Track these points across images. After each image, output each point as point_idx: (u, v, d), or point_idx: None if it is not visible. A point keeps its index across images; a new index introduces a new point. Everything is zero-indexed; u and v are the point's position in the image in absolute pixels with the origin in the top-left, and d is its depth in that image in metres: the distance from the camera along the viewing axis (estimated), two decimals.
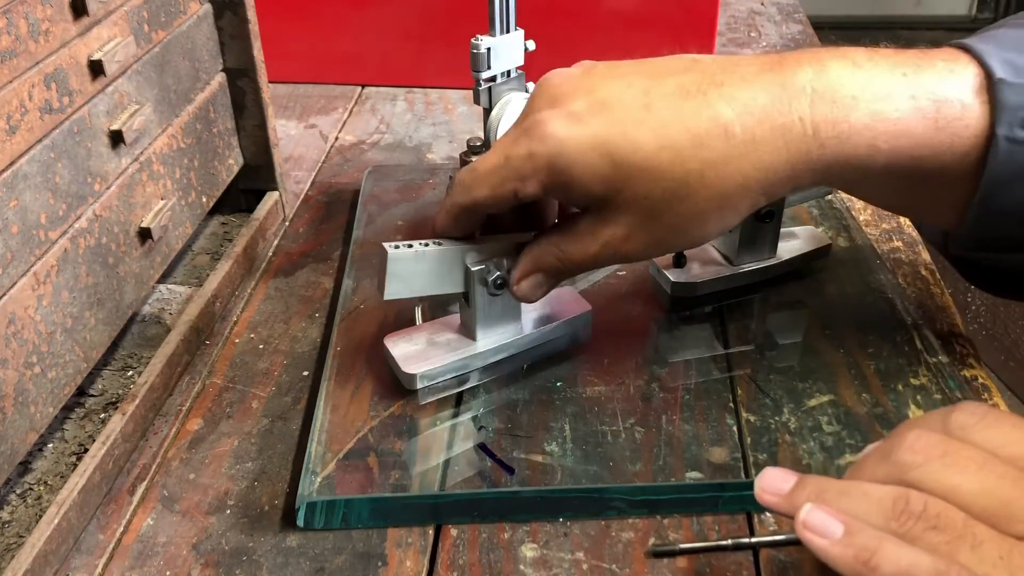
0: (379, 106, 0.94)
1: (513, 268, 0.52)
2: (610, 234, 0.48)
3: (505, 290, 0.54)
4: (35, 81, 0.46)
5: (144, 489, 0.51)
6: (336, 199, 0.77)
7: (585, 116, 0.45)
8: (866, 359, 0.56)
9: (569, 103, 0.46)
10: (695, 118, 0.44)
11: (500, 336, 0.56)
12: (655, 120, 0.45)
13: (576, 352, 0.58)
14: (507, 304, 0.55)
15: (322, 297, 0.65)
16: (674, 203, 0.45)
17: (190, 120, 0.62)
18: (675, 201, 0.45)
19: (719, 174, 0.44)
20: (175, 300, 0.63)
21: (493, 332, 0.56)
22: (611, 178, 0.45)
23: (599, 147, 0.45)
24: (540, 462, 0.50)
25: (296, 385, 0.58)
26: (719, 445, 0.51)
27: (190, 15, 0.62)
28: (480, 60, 0.57)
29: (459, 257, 0.53)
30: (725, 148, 0.44)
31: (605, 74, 0.47)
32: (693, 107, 0.44)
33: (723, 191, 0.45)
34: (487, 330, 0.56)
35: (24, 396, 0.45)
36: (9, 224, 0.44)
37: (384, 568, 0.46)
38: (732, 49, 1.04)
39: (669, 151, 0.44)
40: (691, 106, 0.45)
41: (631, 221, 0.47)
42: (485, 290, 0.54)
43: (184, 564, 0.47)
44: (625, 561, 0.46)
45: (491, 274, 0.53)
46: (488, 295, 0.54)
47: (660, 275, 0.62)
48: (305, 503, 0.47)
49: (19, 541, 0.46)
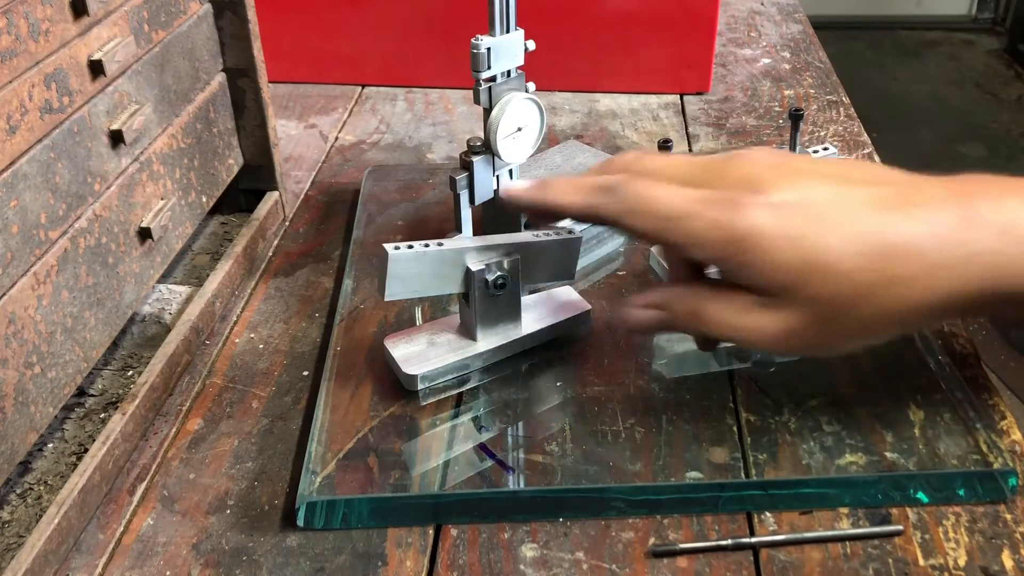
0: (379, 106, 0.94)
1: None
2: (773, 321, 0.47)
3: (504, 290, 0.54)
4: (35, 81, 0.46)
5: (144, 489, 0.51)
6: (336, 199, 0.77)
7: (784, 208, 0.46)
8: (866, 359, 0.56)
9: (768, 192, 0.47)
10: (892, 231, 0.45)
11: (500, 336, 0.56)
12: (854, 225, 0.45)
13: (576, 352, 0.58)
14: (507, 304, 0.55)
15: (322, 297, 0.65)
16: (855, 308, 0.46)
17: (190, 120, 0.62)
18: (858, 306, 0.45)
19: (907, 289, 0.45)
20: (175, 300, 0.63)
21: (493, 332, 0.56)
22: (798, 271, 0.45)
23: (794, 239, 0.45)
24: (540, 462, 0.50)
25: (296, 385, 0.58)
26: (719, 445, 0.51)
27: (190, 15, 0.62)
28: (480, 60, 0.57)
29: (459, 258, 0.53)
30: (917, 266, 0.45)
31: (801, 169, 0.49)
32: (890, 219, 0.45)
33: (906, 307, 0.45)
34: (487, 330, 0.56)
35: (24, 396, 0.45)
36: (9, 224, 0.44)
37: (384, 568, 0.46)
38: (732, 49, 1.04)
39: (865, 258, 0.45)
40: (889, 218, 0.46)
41: (804, 318, 0.46)
42: (485, 290, 0.54)
43: (184, 564, 0.47)
44: (625, 561, 0.46)
45: (491, 274, 0.53)
46: (488, 296, 0.54)
47: (660, 268, 0.62)
48: (305, 503, 0.47)
49: (19, 541, 0.46)
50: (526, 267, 0.55)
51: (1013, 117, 2.97)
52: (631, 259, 0.66)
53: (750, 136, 0.86)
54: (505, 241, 0.54)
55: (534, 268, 0.56)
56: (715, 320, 0.49)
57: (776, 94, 0.94)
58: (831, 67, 1.00)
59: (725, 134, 0.87)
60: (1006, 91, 3.14)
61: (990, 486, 0.48)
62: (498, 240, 0.54)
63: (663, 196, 0.49)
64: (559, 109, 0.92)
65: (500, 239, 0.54)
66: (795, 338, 0.47)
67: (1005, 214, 0.45)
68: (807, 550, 0.46)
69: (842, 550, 0.46)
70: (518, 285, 0.55)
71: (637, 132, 0.87)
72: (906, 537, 0.47)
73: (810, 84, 0.96)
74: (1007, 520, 0.47)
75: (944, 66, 3.31)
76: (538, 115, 0.60)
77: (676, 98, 0.94)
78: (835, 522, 0.48)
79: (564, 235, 0.56)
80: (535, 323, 0.57)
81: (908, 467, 0.49)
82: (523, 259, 0.55)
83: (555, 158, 0.74)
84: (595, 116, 0.90)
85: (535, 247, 0.55)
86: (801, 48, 1.04)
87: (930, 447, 0.50)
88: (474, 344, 0.56)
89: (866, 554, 0.46)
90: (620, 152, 0.53)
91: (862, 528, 0.47)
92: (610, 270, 0.65)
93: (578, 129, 0.88)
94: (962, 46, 3.46)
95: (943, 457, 0.50)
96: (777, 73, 0.98)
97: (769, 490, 0.48)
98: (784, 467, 0.50)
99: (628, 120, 0.90)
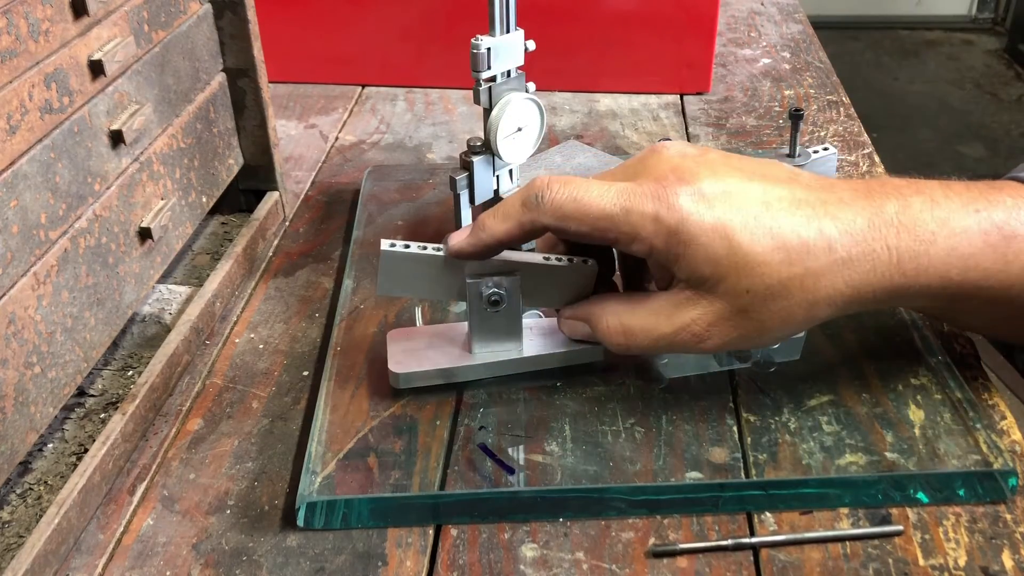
0: (379, 106, 0.94)
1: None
2: (694, 317, 0.49)
3: (500, 308, 0.53)
4: (35, 81, 0.46)
5: (144, 489, 0.51)
6: (336, 199, 0.77)
7: (713, 199, 0.47)
8: (866, 359, 0.56)
9: (697, 182, 0.48)
10: (806, 227, 0.47)
11: (496, 353, 0.55)
12: (773, 221, 0.47)
13: None
14: (506, 322, 0.54)
15: (322, 297, 0.65)
16: (770, 301, 0.47)
17: (190, 120, 0.62)
18: (771, 300, 0.47)
19: (816, 283, 0.47)
20: (175, 300, 0.63)
21: (489, 348, 0.55)
22: (722, 264, 0.47)
23: (721, 231, 0.47)
24: (540, 462, 0.50)
25: (296, 385, 0.58)
26: (719, 445, 0.51)
27: (190, 15, 0.62)
28: (480, 60, 0.57)
29: (458, 266, 0.52)
30: (827, 261, 0.47)
31: (723, 163, 0.50)
32: (804, 217, 0.48)
33: (815, 299, 0.48)
34: (483, 345, 0.55)
35: (24, 396, 0.45)
36: (9, 224, 0.44)
37: (384, 568, 0.46)
38: (732, 49, 1.04)
39: (782, 252, 0.47)
40: (803, 215, 0.48)
41: (722, 311, 0.48)
42: (480, 304, 0.53)
43: (184, 564, 0.47)
44: (625, 561, 0.46)
45: (486, 290, 0.52)
46: (483, 310, 0.53)
47: None
48: (305, 503, 0.47)
49: (19, 541, 0.46)
50: (531, 289, 0.54)
51: (1013, 117, 2.97)
52: None
53: (750, 136, 0.86)
54: (508, 258, 0.53)
55: (540, 291, 0.54)
56: (637, 335, 0.50)
57: (776, 94, 0.94)
58: (831, 67, 1.00)
59: (725, 134, 0.87)
60: (1006, 91, 3.14)
61: (990, 486, 0.48)
62: (501, 256, 0.52)
63: (593, 194, 0.49)
64: (559, 109, 0.92)
65: (504, 255, 0.52)
66: (716, 330, 0.49)
67: (908, 213, 0.48)
68: (807, 550, 0.46)
69: (842, 550, 0.46)
70: (518, 305, 0.54)
71: (637, 132, 0.87)
72: (906, 537, 0.47)
73: (810, 84, 0.96)
74: (1007, 520, 0.47)
75: (944, 66, 3.32)
76: (538, 115, 0.60)
77: (676, 98, 0.94)
78: (835, 522, 0.48)
79: (576, 263, 0.53)
80: (539, 347, 0.56)
81: (908, 467, 0.49)
82: (528, 281, 0.53)
83: (555, 158, 0.74)
84: (595, 116, 0.90)
85: (540, 269, 0.53)
86: (801, 48, 1.04)
87: (930, 447, 0.50)
88: (468, 356, 0.55)
89: (866, 554, 0.46)
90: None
91: (862, 528, 0.47)
92: None
93: (578, 129, 0.88)
94: (962, 46, 3.46)
95: (943, 457, 0.50)
96: (777, 73, 0.98)
97: (769, 490, 0.48)
98: (784, 467, 0.50)
99: (628, 120, 0.90)
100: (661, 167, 0.49)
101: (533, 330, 0.56)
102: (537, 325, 0.57)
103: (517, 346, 0.55)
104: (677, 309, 0.49)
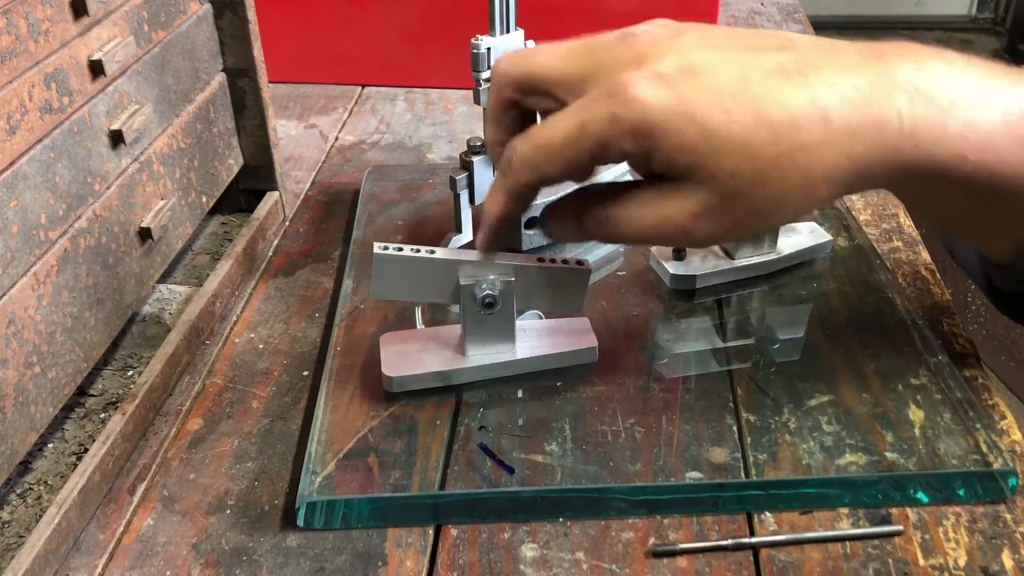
0: (379, 106, 0.94)
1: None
2: (679, 208, 0.44)
3: (494, 310, 0.53)
4: (35, 81, 0.46)
5: (144, 489, 0.51)
6: (336, 199, 0.77)
7: (674, 79, 0.42)
8: (866, 359, 0.56)
9: (655, 63, 0.43)
10: (794, 99, 0.42)
11: (490, 356, 0.55)
12: (753, 95, 0.42)
13: None
14: (499, 324, 0.54)
15: (322, 297, 0.65)
16: (759, 184, 0.42)
17: (190, 120, 0.62)
18: (760, 183, 0.42)
19: (811, 159, 0.42)
20: (175, 300, 0.63)
21: (483, 350, 0.55)
22: (699, 150, 0.42)
23: (689, 115, 0.42)
24: (540, 462, 0.50)
25: (296, 385, 0.58)
26: (719, 445, 0.51)
27: (190, 15, 0.62)
28: (480, 60, 0.57)
29: (451, 269, 0.52)
30: (821, 133, 0.42)
31: (697, 39, 0.45)
32: (792, 87, 0.42)
33: (811, 177, 0.42)
34: (477, 347, 0.55)
35: (24, 396, 0.45)
36: (9, 224, 0.44)
37: (384, 568, 0.46)
38: None
39: (766, 129, 0.41)
40: (790, 86, 0.42)
41: (708, 199, 0.43)
42: (474, 307, 0.53)
43: (184, 564, 0.47)
44: (625, 561, 0.46)
45: (480, 292, 0.52)
46: (477, 312, 0.53)
47: (659, 267, 0.62)
48: (305, 503, 0.47)
49: (19, 541, 0.46)
50: (525, 291, 0.54)
51: None
52: (631, 259, 0.66)
53: None
54: (502, 261, 0.52)
55: (534, 294, 0.54)
56: (622, 226, 0.46)
57: None
58: None
59: None
60: None
61: (990, 486, 0.48)
62: (498, 259, 0.52)
63: (552, 132, 0.45)
64: None
65: (498, 257, 0.52)
66: (703, 221, 0.44)
67: (924, 76, 0.42)
68: (807, 550, 0.46)
69: (842, 550, 0.46)
70: (511, 307, 0.54)
71: None
72: (906, 537, 0.47)
73: None
74: (1007, 520, 0.47)
75: None
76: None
77: None
78: (835, 522, 0.48)
79: (571, 265, 0.53)
80: (532, 349, 0.56)
81: (908, 467, 0.49)
82: (522, 283, 0.53)
83: None
84: None
85: (534, 272, 0.53)
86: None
87: (930, 447, 0.50)
88: (462, 359, 0.55)
89: (866, 554, 0.46)
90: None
91: (862, 528, 0.47)
92: (610, 270, 0.65)
93: None
94: (962, 46, 3.46)
95: (943, 457, 0.50)
96: None
97: (769, 490, 0.48)
98: (784, 467, 0.50)
99: None
100: (624, 57, 0.45)
101: (527, 332, 0.56)
102: (531, 327, 0.57)
103: (511, 348, 0.55)
104: (659, 200, 0.44)
